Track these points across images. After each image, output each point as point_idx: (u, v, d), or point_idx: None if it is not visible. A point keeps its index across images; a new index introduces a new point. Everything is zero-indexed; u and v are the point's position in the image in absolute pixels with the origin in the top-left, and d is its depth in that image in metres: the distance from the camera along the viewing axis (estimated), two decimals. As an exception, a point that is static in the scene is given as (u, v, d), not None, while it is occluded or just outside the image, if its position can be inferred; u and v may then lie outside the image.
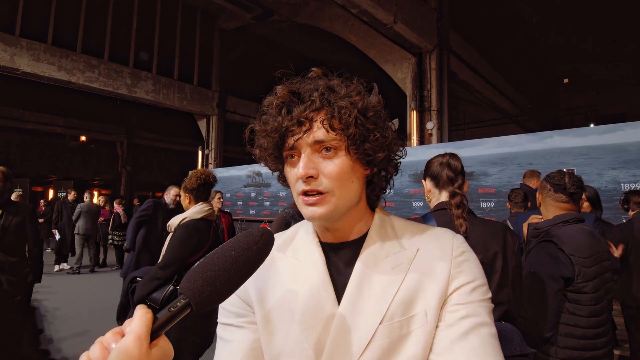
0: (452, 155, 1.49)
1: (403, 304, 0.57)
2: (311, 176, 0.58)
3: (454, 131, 12.01)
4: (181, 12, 10.97)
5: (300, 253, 0.66)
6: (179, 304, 0.42)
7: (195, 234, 2.09)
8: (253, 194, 8.99)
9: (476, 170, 5.40)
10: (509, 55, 11.67)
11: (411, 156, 5.78)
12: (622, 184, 4.27)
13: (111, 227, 7.60)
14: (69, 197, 8.53)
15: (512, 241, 1.34)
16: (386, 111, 0.64)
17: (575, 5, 9.58)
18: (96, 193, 16.46)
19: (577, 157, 4.64)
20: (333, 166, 0.59)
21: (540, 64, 13.25)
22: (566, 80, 14.16)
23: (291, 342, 0.59)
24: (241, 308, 0.65)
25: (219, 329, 0.66)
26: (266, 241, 0.50)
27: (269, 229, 0.52)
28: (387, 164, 0.66)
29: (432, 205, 1.48)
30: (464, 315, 0.56)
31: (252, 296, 0.64)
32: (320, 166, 0.59)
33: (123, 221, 7.42)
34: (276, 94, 0.61)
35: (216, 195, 4.61)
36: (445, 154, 1.50)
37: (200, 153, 11.89)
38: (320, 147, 0.59)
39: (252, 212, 8.95)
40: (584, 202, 2.77)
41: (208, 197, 2.32)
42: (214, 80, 11.68)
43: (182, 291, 0.43)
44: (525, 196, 3.26)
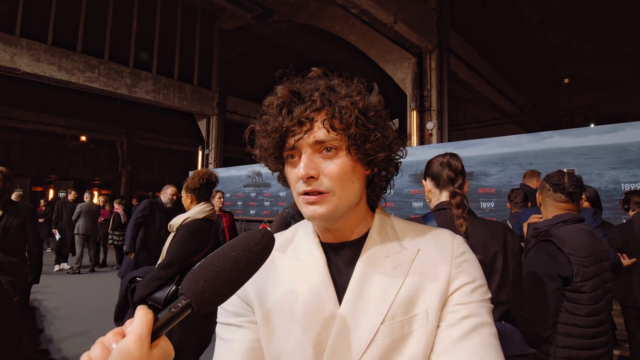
0: (453, 155, 1.49)
1: (404, 304, 0.57)
2: (312, 176, 0.58)
3: (454, 131, 12.01)
4: (181, 12, 10.97)
5: (300, 253, 0.66)
6: (179, 304, 0.42)
7: (197, 233, 2.10)
8: (253, 194, 8.99)
9: (476, 170, 5.40)
10: (509, 55, 11.67)
11: (411, 156, 5.78)
12: (622, 184, 4.27)
13: (111, 227, 7.60)
14: (69, 197, 8.54)
15: (512, 241, 1.34)
16: (386, 111, 0.64)
17: (575, 5, 9.58)
18: (96, 193, 16.45)
19: (578, 157, 4.64)
20: (334, 166, 0.59)
21: (540, 64, 13.26)
22: (566, 80, 14.17)
23: (291, 342, 0.59)
24: (241, 308, 0.65)
25: (218, 328, 0.66)
26: (267, 242, 0.50)
27: (269, 230, 0.52)
28: (387, 164, 0.66)
29: (433, 205, 1.48)
30: (465, 315, 0.57)
31: (252, 296, 0.64)
32: (321, 166, 0.59)
33: (123, 221, 7.42)
34: (276, 93, 0.61)
35: (217, 194, 4.60)
36: (445, 153, 1.50)
37: (200, 153, 11.89)
38: (321, 147, 0.59)
39: (252, 212, 8.95)
40: (584, 202, 2.77)
41: (210, 197, 2.32)
42: (214, 80, 11.68)
43: (182, 292, 0.43)
44: (525, 196, 3.26)
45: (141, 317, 0.39)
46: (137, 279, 2.07)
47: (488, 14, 9.76)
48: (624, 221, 3.23)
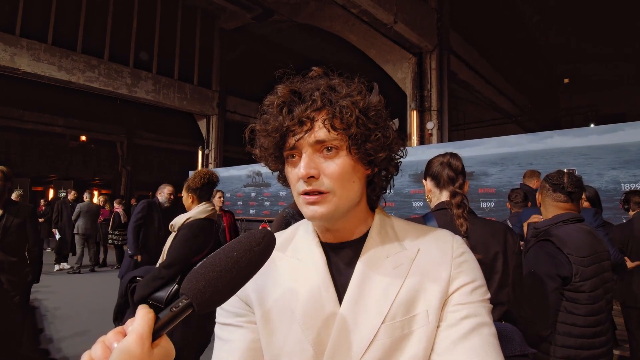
0: (453, 155, 1.48)
1: (404, 304, 0.57)
2: (312, 176, 0.58)
3: (454, 131, 12.01)
4: (181, 12, 10.98)
5: (300, 253, 0.66)
6: (180, 304, 0.42)
7: (200, 233, 2.10)
8: (253, 194, 8.99)
9: (476, 170, 5.40)
10: (509, 55, 11.67)
11: (411, 156, 5.79)
12: (623, 184, 4.27)
13: (111, 226, 7.61)
14: (69, 196, 8.54)
15: (512, 241, 1.34)
16: (387, 111, 0.64)
17: (575, 5, 9.59)
18: (96, 193, 16.45)
19: (578, 157, 4.64)
20: (334, 166, 0.58)
21: (540, 64, 13.26)
22: (566, 80, 14.17)
23: (291, 342, 0.58)
24: (240, 308, 0.64)
25: (217, 328, 0.65)
26: (268, 242, 0.50)
27: (270, 231, 0.52)
28: (387, 164, 0.65)
29: (433, 205, 1.47)
30: (465, 315, 0.57)
31: (252, 296, 0.64)
32: (322, 166, 0.58)
33: (123, 221, 7.43)
34: (277, 93, 0.61)
35: (217, 194, 4.60)
36: (446, 153, 1.50)
37: (200, 153, 11.90)
38: (322, 147, 0.59)
39: (252, 212, 8.95)
40: (584, 202, 2.77)
41: (211, 197, 2.32)
42: (214, 80, 11.68)
43: (183, 291, 0.43)
44: (526, 196, 3.26)
45: (142, 316, 0.39)
46: (137, 278, 2.07)
47: (488, 14, 9.77)
48: (624, 221, 3.23)
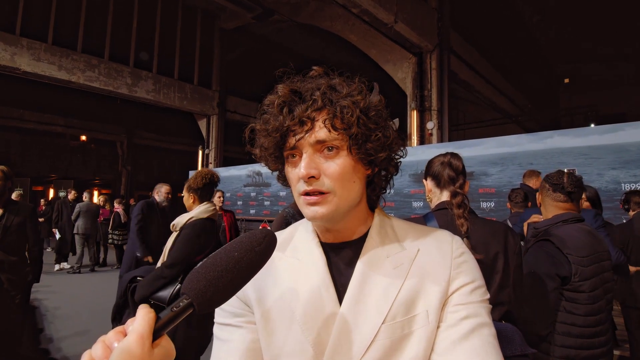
0: (454, 155, 1.48)
1: (405, 304, 0.57)
2: (313, 176, 0.58)
3: (454, 131, 12.01)
4: (181, 12, 10.97)
5: (300, 252, 0.66)
6: (181, 304, 0.42)
7: (202, 233, 2.11)
8: (253, 194, 8.99)
9: (476, 170, 5.40)
10: (509, 55, 11.67)
11: (411, 156, 5.79)
12: (623, 184, 4.27)
13: (111, 226, 7.61)
14: (69, 196, 8.54)
15: (513, 241, 1.33)
16: (387, 111, 0.64)
17: (575, 5, 9.58)
18: (96, 193, 16.44)
19: (578, 157, 4.64)
20: (335, 166, 0.58)
21: (540, 64, 13.25)
22: (566, 80, 14.16)
23: (291, 342, 0.58)
24: (239, 308, 0.64)
25: (215, 328, 0.65)
26: (269, 242, 0.50)
27: (271, 231, 0.52)
28: (388, 164, 0.65)
29: (433, 205, 1.47)
30: (465, 315, 0.57)
31: (251, 296, 0.64)
32: (322, 166, 0.58)
33: (123, 220, 7.43)
34: (277, 92, 0.60)
35: (216, 194, 4.60)
36: (446, 153, 1.49)
37: (200, 153, 11.89)
38: (322, 147, 0.58)
39: (252, 211, 8.95)
40: (584, 202, 2.77)
41: (212, 197, 2.33)
42: (215, 79, 11.68)
43: (184, 291, 0.43)
44: (526, 196, 3.26)
45: (143, 316, 0.39)
46: (138, 278, 2.07)
47: (488, 14, 9.76)
48: (624, 221, 3.23)
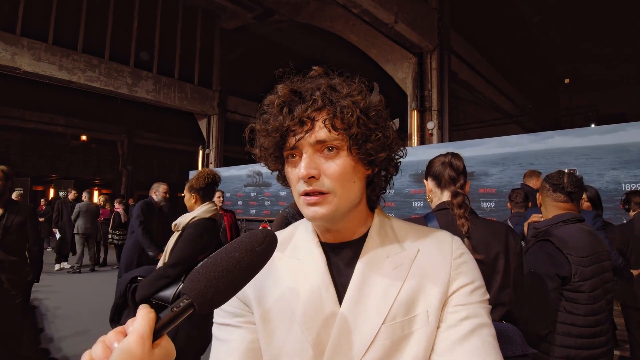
0: (454, 155, 1.48)
1: (405, 305, 0.57)
2: (313, 176, 0.57)
3: (455, 131, 11.98)
4: (182, 12, 10.97)
5: (300, 252, 0.65)
6: (181, 304, 0.42)
7: (205, 232, 2.11)
8: (253, 194, 8.99)
9: (477, 170, 5.39)
10: (509, 55, 11.66)
11: (412, 156, 5.79)
12: (623, 185, 4.27)
13: (111, 226, 7.61)
14: (69, 196, 8.54)
15: (514, 242, 1.33)
16: (387, 111, 0.64)
17: (575, 5, 9.57)
18: (97, 192, 16.45)
19: (578, 157, 4.63)
20: (335, 166, 0.58)
21: (540, 64, 13.24)
22: (566, 80, 14.15)
23: (291, 342, 0.58)
24: (239, 308, 0.64)
25: (214, 328, 0.65)
26: (270, 243, 0.50)
27: (272, 231, 0.52)
28: (388, 164, 0.65)
29: (434, 205, 1.47)
30: (465, 316, 0.57)
31: (251, 296, 0.64)
32: (322, 166, 0.58)
33: (123, 220, 7.43)
34: (277, 92, 0.60)
35: (216, 194, 4.60)
36: (447, 153, 1.49)
37: (200, 153, 11.89)
38: (322, 147, 0.58)
39: (252, 211, 8.95)
40: (584, 202, 2.77)
41: (213, 197, 2.33)
42: (215, 79, 11.68)
43: (185, 291, 0.43)
44: (526, 196, 3.26)
45: (143, 316, 0.39)
46: (139, 278, 2.06)
47: (489, 14, 9.76)
48: (625, 221, 3.22)
